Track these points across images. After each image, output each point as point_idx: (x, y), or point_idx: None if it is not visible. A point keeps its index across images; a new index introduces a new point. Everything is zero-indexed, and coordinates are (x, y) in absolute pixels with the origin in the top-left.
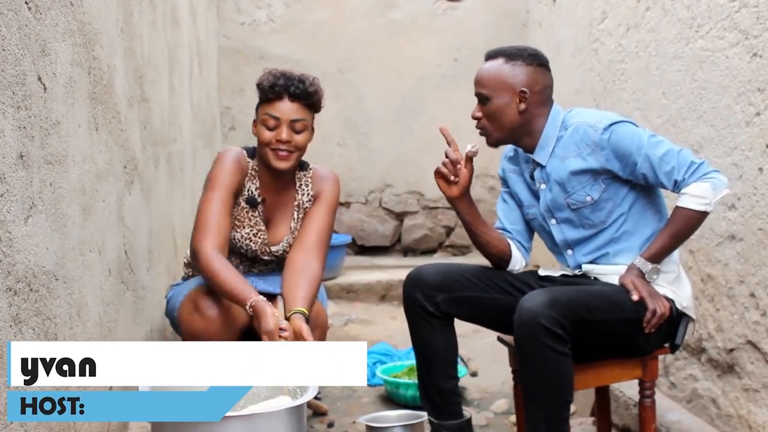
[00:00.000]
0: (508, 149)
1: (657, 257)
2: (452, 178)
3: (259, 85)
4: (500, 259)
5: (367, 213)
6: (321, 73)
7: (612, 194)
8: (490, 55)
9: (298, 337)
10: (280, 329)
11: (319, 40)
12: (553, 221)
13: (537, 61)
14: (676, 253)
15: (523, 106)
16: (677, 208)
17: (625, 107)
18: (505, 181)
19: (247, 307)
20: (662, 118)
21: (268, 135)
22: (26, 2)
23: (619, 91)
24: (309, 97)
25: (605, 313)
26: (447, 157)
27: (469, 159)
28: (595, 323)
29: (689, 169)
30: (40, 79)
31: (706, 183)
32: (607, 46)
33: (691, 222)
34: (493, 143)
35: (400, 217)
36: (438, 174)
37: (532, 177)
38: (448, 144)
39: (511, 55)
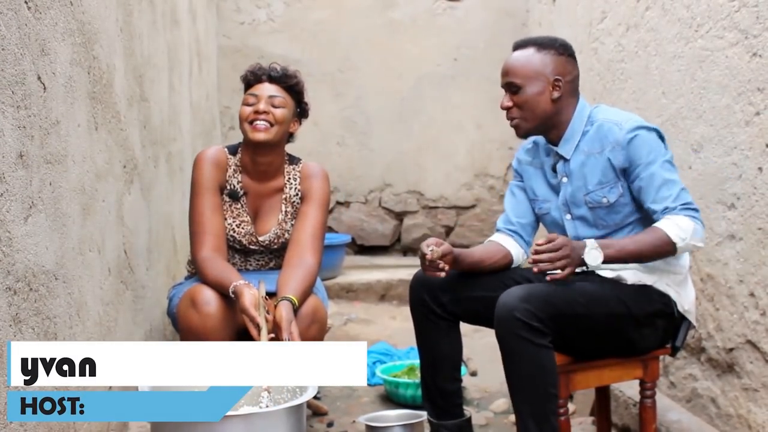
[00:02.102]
0: (526, 142)
1: (612, 255)
2: (442, 274)
3: (242, 76)
4: (504, 266)
5: (366, 212)
6: (321, 73)
7: (630, 199)
8: (520, 45)
9: (277, 324)
10: (265, 303)
11: (318, 39)
12: (569, 216)
13: (567, 51)
14: (686, 258)
15: (556, 94)
16: (655, 227)
17: (625, 107)
18: (519, 174)
19: (230, 292)
20: (662, 117)
21: (247, 110)
22: (26, 2)
23: (618, 91)
24: (288, 79)
25: (585, 306)
26: (427, 261)
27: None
28: (575, 317)
29: (685, 205)
30: (39, 78)
31: (691, 222)
32: (606, 45)
33: (660, 247)
34: (523, 134)
35: (399, 216)
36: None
37: (553, 170)
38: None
39: (542, 44)
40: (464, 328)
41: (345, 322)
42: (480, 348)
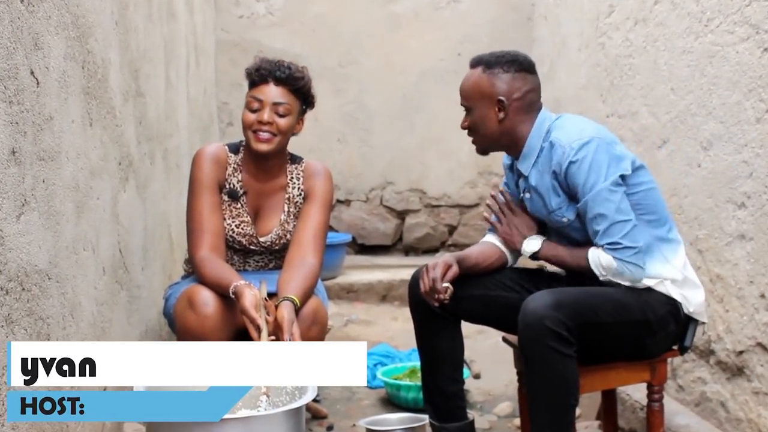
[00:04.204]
0: None
1: (545, 253)
2: (435, 304)
3: (246, 71)
4: (500, 266)
5: (367, 211)
6: (321, 68)
7: None
8: (472, 64)
9: (278, 325)
10: (265, 305)
11: (318, 33)
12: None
13: (516, 66)
14: (681, 258)
15: (501, 115)
16: (584, 251)
17: (633, 103)
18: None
19: (230, 292)
20: (671, 114)
21: (250, 117)
22: None
23: (626, 87)
24: (294, 82)
25: (611, 314)
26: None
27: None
28: (600, 325)
29: (611, 245)
30: (32, 73)
31: (614, 263)
32: (614, 40)
33: (579, 266)
34: (480, 152)
35: (401, 215)
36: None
37: (516, 185)
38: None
39: (489, 63)
40: (467, 329)
41: (345, 323)
42: (483, 350)
